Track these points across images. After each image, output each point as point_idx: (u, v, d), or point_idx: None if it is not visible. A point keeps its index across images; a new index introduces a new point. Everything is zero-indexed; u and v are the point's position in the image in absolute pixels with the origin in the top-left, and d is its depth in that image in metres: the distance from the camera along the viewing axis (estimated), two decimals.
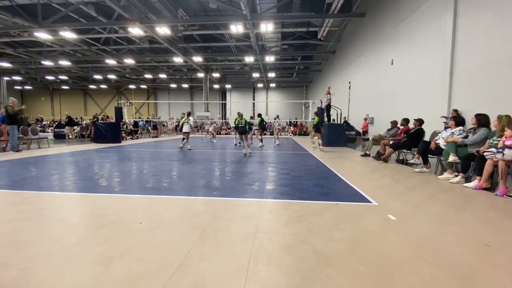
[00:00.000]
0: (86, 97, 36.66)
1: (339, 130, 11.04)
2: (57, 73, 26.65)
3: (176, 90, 34.90)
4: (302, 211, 2.86)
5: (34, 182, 4.21)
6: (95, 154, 8.08)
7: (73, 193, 3.63)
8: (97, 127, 12.53)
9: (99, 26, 13.97)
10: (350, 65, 15.32)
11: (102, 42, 18.17)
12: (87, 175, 4.82)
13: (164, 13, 14.81)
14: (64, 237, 2.22)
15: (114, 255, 1.88)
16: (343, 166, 6.04)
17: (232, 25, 13.05)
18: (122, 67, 24.55)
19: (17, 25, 13.61)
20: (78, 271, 1.68)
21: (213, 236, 2.22)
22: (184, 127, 9.45)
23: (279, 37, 19.15)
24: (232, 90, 33.59)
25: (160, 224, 2.49)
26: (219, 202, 3.21)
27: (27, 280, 1.58)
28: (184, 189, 3.86)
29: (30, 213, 2.79)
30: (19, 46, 18.84)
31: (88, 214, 2.79)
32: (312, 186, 4.01)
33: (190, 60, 20.36)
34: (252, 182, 4.33)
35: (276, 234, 2.27)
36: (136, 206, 3.05)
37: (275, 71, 27.36)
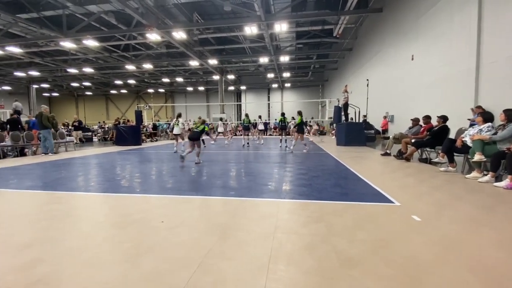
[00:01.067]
0: (107, 102, 38.27)
1: (358, 129, 10.77)
2: (81, 79, 28.04)
3: (193, 93, 35.59)
4: (321, 211, 2.82)
5: (63, 183, 4.45)
6: (117, 156, 8.41)
7: (98, 193, 3.80)
8: (118, 130, 13.04)
9: (119, 33, 14.54)
10: (368, 62, 14.92)
11: (122, 48, 18.90)
12: (111, 176, 5.03)
13: (180, 18, 15.18)
14: (92, 234, 2.33)
15: (139, 253, 1.95)
16: (362, 165, 5.88)
17: (246, 26, 13.12)
18: (141, 72, 25.40)
19: (44, 35, 14.48)
20: (107, 268, 1.75)
21: (233, 235, 2.24)
22: (175, 129, 9.29)
23: (293, 36, 19.02)
24: (247, 91, 33.76)
25: (181, 223, 2.54)
26: (237, 202, 3.23)
27: (59, 275, 1.67)
28: (203, 189, 3.92)
29: (60, 212, 2.95)
30: (47, 55, 20.01)
31: (113, 213, 2.91)
32: (331, 186, 3.94)
33: (206, 63, 20.69)
34: (270, 182, 4.32)
35: (296, 234, 2.26)
36: (157, 206, 3.14)
37: (290, 71, 27.19)
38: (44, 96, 36.21)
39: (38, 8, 12.84)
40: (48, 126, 8.73)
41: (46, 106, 9.39)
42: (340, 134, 11.24)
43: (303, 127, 8.50)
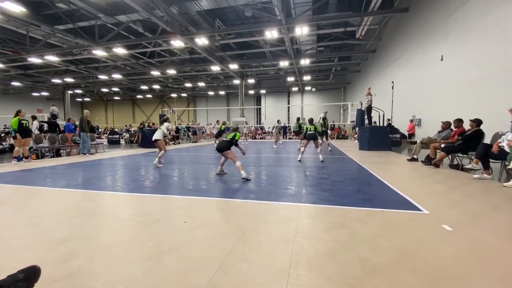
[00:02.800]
0: (134, 106, 40.15)
1: (382, 133, 10.37)
2: (110, 85, 29.71)
3: (214, 97, 36.33)
4: (343, 217, 2.75)
5: (94, 183, 4.73)
6: (142, 158, 8.77)
7: (124, 193, 3.99)
8: (143, 133, 13.61)
9: (146, 41, 15.26)
10: (393, 64, 14.39)
11: (148, 55, 19.80)
12: (136, 177, 5.26)
13: (202, 25, 15.63)
14: (120, 232, 2.44)
15: (163, 251, 2.02)
16: (387, 171, 5.65)
17: (267, 31, 13.22)
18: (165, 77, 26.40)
19: (79, 44, 15.56)
20: (133, 264, 1.83)
21: (253, 238, 2.25)
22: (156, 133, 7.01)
23: (314, 39, 18.84)
24: (267, 94, 33.83)
25: (202, 224, 2.60)
26: (257, 205, 3.24)
27: (91, 270, 1.77)
28: (223, 191, 3.97)
29: (91, 210, 3.14)
30: (80, 63, 21.46)
31: (138, 212, 3.03)
32: (354, 191, 3.82)
33: (227, 68, 21.08)
34: (290, 186, 4.29)
35: (317, 239, 2.22)
36: (179, 206, 3.23)
37: (311, 74, 26.89)
38: (77, 101, 38.76)
39: (73, 20, 13.85)
40: (86, 129, 9.46)
41: (88, 111, 10.20)
42: (363, 138, 10.89)
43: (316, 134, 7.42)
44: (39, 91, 30.97)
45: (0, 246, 2.17)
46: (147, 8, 11.29)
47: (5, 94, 30.04)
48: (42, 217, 2.85)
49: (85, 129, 9.52)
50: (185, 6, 13.46)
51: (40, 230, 2.48)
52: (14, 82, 25.06)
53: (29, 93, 30.94)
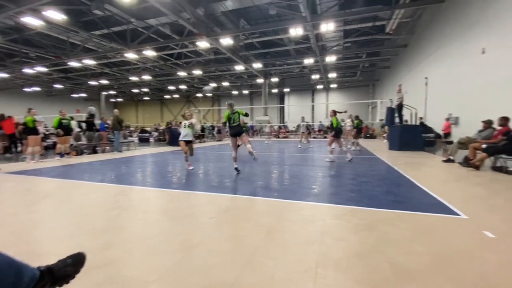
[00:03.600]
0: (162, 106, 41.88)
1: (414, 132, 9.78)
2: (140, 86, 31.25)
3: (237, 96, 36.73)
4: (372, 219, 2.65)
5: (126, 178, 5.03)
6: (170, 156, 9.13)
7: (155, 188, 4.19)
8: (171, 132, 14.16)
9: (173, 43, 15.82)
10: (427, 59, 13.51)
11: (175, 57, 20.51)
12: (165, 174, 5.50)
13: (227, 25, 15.85)
14: (152, 225, 2.58)
15: (192, 245, 2.10)
16: (420, 172, 5.34)
17: (291, 28, 13.07)
18: (191, 77, 27.20)
19: (113, 48, 16.56)
20: (164, 256, 1.93)
21: (278, 237, 2.25)
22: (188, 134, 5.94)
23: (341, 35, 18.26)
24: (291, 93, 33.47)
25: (228, 220, 2.65)
26: (281, 204, 3.23)
27: (126, 260, 1.89)
28: (248, 189, 4.01)
29: (125, 203, 3.34)
30: (114, 66, 22.81)
31: (168, 207, 3.17)
32: (383, 193, 3.67)
33: (250, 67, 21.19)
34: (315, 186, 4.22)
35: (344, 240, 2.16)
36: (206, 202, 3.32)
37: (337, 71, 26.11)
38: (110, 102, 41.30)
39: (108, 25, 14.76)
40: (117, 127, 10.08)
41: (117, 110, 10.87)
42: (393, 138, 10.38)
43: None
44: (78, 93, 33.45)
45: (48, 234, 2.40)
46: (175, 11, 11.69)
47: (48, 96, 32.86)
48: (83, 209, 3.09)
49: (117, 127, 10.13)
50: (210, 7, 13.74)
51: (81, 220, 2.69)
52: (56, 85, 27.30)
53: (69, 95, 33.56)
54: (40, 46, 16.81)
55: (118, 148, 10.32)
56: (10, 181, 4.88)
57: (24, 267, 1.00)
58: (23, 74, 21.33)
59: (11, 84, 26.73)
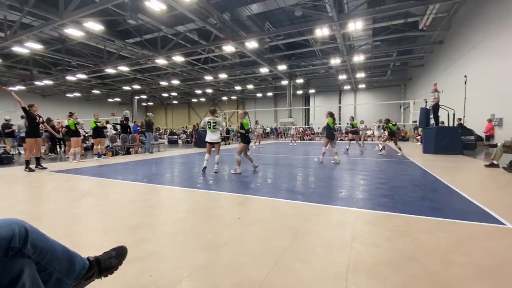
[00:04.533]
0: (189, 109, 43.38)
1: (452, 134, 9.10)
2: (169, 90, 32.67)
3: (262, 98, 36.92)
4: (406, 226, 2.52)
5: (157, 178, 5.27)
6: (197, 157, 9.42)
7: (183, 187, 4.34)
8: (198, 134, 14.61)
9: (200, 48, 16.36)
10: (465, 55, 12.55)
11: (202, 61, 21.19)
12: (192, 174, 5.67)
13: (252, 28, 16.04)
14: (181, 223, 2.68)
15: (220, 244, 2.14)
16: (459, 177, 4.96)
17: (317, 29, 12.88)
18: (217, 81, 27.87)
19: (144, 55, 17.53)
20: (194, 253, 1.99)
21: (306, 240, 2.22)
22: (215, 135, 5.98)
23: (369, 34, 17.62)
24: (316, 94, 32.88)
25: (255, 221, 2.67)
26: (308, 207, 3.18)
27: (161, 254, 1.99)
28: (274, 191, 4.01)
29: (157, 201, 3.51)
30: (145, 71, 24.12)
31: (197, 206, 3.27)
32: (418, 199, 3.46)
33: (275, 69, 21.20)
34: (344, 189, 4.10)
35: (377, 247, 2.08)
36: (233, 203, 3.38)
37: (365, 71, 25.16)
38: (142, 105, 43.65)
39: (140, 33, 15.67)
40: (149, 129, 10.71)
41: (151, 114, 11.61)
42: (428, 140, 9.74)
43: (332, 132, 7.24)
44: (113, 97, 35.83)
45: (89, 228, 2.59)
46: (202, 17, 12.09)
47: (87, 101, 35.60)
48: (119, 206, 3.30)
49: (149, 129, 10.75)
50: (236, 12, 14.01)
51: (118, 216, 2.88)
52: (94, 90, 29.48)
53: (105, 99, 36.06)
54: (80, 55, 18.30)
55: (149, 149, 10.89)
56: (55, 179, 5.35)
57: (76, 256, 1.09)
58: (66, 81, 23.34)
59: (55, 91, 29.37)
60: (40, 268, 0.93)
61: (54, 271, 0.98)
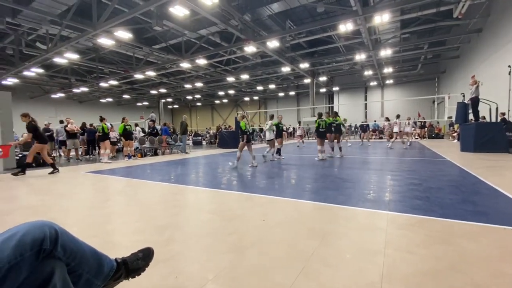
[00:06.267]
0: (212, 111, 44.27)
1: (495, 131, 8.29)
2: (193, 93, 33.58)
3: (283, 98, 36.61)
4: (446, 231, 2.30)
5: (183, 179, 5.40)
6: (221, 158, 9.55)
7: (208, 188, 4.38)
8: (221, 135, 14.83)
9: (222, 50, 16.58)
10: (509, 44, 11.41)
11: (224, 63, 21.49)
12: (217, 174, 5.74)
13: (273, 28, 15.94)
14: (206, 224, 2.69)
15: (245, 246, 2.11)
16: (506, 178, 4.48)
17: (341, 24, 12.46)
18: (239, 82, 28.12)
19: (170, 59, 18.16)
20: (219, 254, 1.98)
21: (334, 243, 2.12)
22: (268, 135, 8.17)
23: (397, 26, 16.67)
24: (340, 91, 31.90)
25: (280, 223, 2.61)
26: (334, 208, 3.05)
27: (187, 255, 2.00)
28: (298, 192, 3.91)
29: (183, 202, 3.58)
30: (170, 75, 25.01)
31: (221, 207, 3.27)
32: (458, 201, 3.17)
33: (297, 68, 20.89)
34: (373, 191, 3.89)
35: (413, 254, 1.91)
36: (257, 204, 3.33)
37: (393, 65, 23.87)
38: (168, 108, 45.34)
39: (165, 39, 16.26)
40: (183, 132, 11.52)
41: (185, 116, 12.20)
42: (466, 138, 8.99)
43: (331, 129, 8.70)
44: (141, 101, 37.64)
45: (120, 227, 2.69)
46: (224, 20, 12.24)
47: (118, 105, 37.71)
48: (148, 206, 3.41)
49: (183, 131, 11.26)
50: (257, 12, 14.01)
51: (147, 216, 2.96)
52: (125, 95, 31.15)
53: (134, 103, 37.98)
54: (112, 63, 19.42)
55: (184, 149, 11.40)
56: (89, 179, 5.69)
57: (105, 257, 1.11)
58: (99, 87, 24.91)
59: (90, 97, 31.47)
60: (70, 270, 0.95)
61: (83, 273, 1.00)
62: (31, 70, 17.84)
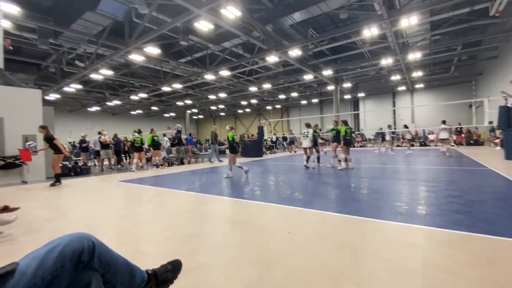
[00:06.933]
0: (235, 120, 45.01)
1: None
2: (217, 103, 34.47)
3: (306, 105, 36.24)
4: (494, 250, 2.07)
5: (208, 188, 5.47)
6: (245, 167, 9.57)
7: (232, 198, 4.40)
8: (245, 144, 14.96)
9: (245, 61, 16.93)
10: None
11: (246, 73, 21.88)
12: (241, 184, 5.75)
13: (295, 37, 15.99)
14: (231, 235, 2.67)
15: (271, 259, 2.05)
16: None
17: (365, 30, 12.18)
18: (261, 91, 28.40)
19: (195, 72, 18.90)
20: (245, 267, 1.94)
21: (366, 260, 1.99)
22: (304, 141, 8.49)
23: (427, 28, 15.92)
24: (366, 98, 30.88)
25: (307, 236, 2.52)
26: (365, 222, 2.89)
27: (212, 266, 1.99)
28: (325, 204, 3.77)
29: (208, 212, 3.61)
30: (196, 87, 25.95)
31: (246, 218, 3.25)
32: (507, 217, 2.86)
33: (320, 75, 20.65)
34: (406, 203, 3.65)
35: (455, 275, 1.74)
36: (282, 216, 3.26)
37: (423, 69, 22.68)
38: (193, 119, 46.90)
39: (191, 53, 16.98)
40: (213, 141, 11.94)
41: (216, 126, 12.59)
42: (511, 144, 8.21)
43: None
44: (168, 112, 39.35)
45: (148, 236, 2.77)
46: (246, 31, 12.53)
47: (147, 117, 39.75)
48: (175, 214, 3.49)
49: (214, 141, 11.59)
50: (278, 22, 14.17)
51: (174, 225, 3.02)
52: (153, 107, 32.80)
53: (162, 115, 39.80)
54: (142, 77, 20.64)
55: (212, 158, 11.78)
56: (121, 188, 5.98)
57: (136, 268, 1.14)
58: (130, 100, 26.50)
59: (122, 109, 33.55)
60: (105, 280, 0.98)
61: (117, 283, 1.02)
62: (71, 86, 19.48)
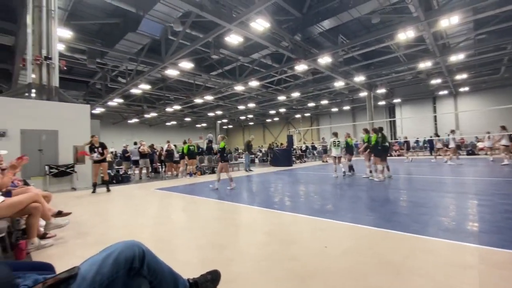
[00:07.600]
0: (264, 129, 45.30)
1: None
2: (246, 113, 35.12)
3: (337, 113, 35.26)
4: None
5: (239, 197, 5.52)
6: (275, 176, 9.53)
7: (263, 208, 4.37)
8: (274, 153, 14.93)
9: (273, 71, 17.13)
10: None
11: (275, 83, 22.06)
12: (271, 194, 5.71)
13: (324, 44, 15.81)
14: (264, 246, 2.64)
15: (307, 274, 1.99)
16: None
17: (399, 33, 11.65)
18: (290, 100, 28.33)
19: (225, 84, 19.54)
20: (280, 282, 1.90)
21: (413, 281, 1.83)
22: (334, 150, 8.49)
23: (470, 27, 14.71)
24: (403, 103, 29.16)
25: (345, 252, 2.40)
26: (410, 238, 2.68)
27: (247, 278, 1.97)
28: (362, 217, 3.58)
29: (240, 221, 3.63)
30: (226, 98, 26.77)
31: (277, 229, 3.20)
32: None
33: (351, 82, 20.06)
34: (456, 218, 3.32)
35: None
36: (317, 228, 3.15)
37: (467, 71, 20.90)
38: (223, 128, 48.20)
39: (221, 65, 17.65)
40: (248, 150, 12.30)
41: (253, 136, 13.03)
42: None
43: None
44: (200, 123, 41.03)
45: (183, 244, 2.85)
46: (275, 42, 12.72)
47: (181, 127, 41.78)
48: (208, 223, 3.56)
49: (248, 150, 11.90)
50: (307, 31, 14.15)
51: (208, 234, 3.09)
52: (186, 118, 34.42)
53: (194, 125, 41.58)
54: (176, 90, 21.87)
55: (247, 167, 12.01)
56: (158, 196, 6.29)
57: (179, 277, 1.18)
58: (165, 112, 28.13)
59: (158, 121, 35.71)
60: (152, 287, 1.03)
61: None
62: (114, 101, 21.33)
